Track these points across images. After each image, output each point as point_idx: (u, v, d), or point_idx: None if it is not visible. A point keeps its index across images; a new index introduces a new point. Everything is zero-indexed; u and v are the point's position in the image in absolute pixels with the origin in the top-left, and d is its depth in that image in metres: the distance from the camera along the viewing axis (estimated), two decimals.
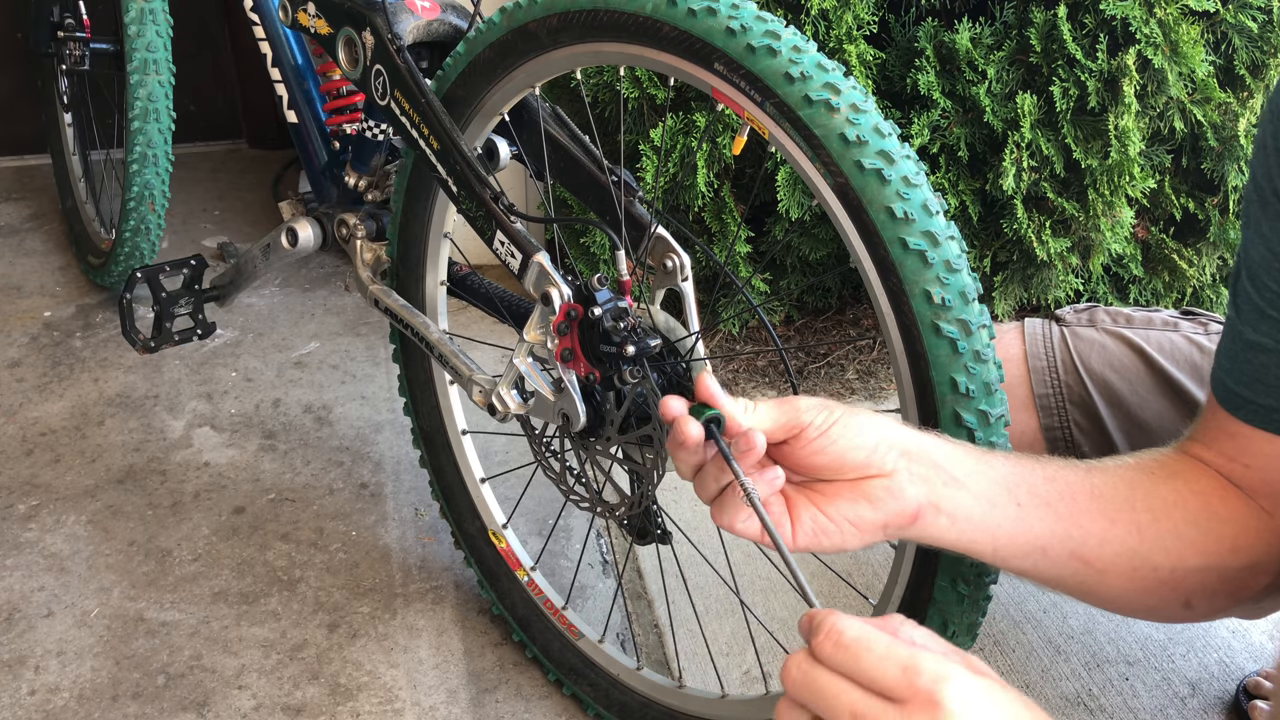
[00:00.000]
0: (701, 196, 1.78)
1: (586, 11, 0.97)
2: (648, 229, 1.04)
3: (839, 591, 1.43)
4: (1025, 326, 1.19)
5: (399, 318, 1.26)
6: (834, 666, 0.58)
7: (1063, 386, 1.14)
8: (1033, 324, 1.19)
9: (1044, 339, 1.17)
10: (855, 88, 0.85)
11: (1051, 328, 1.18)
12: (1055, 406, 1.14)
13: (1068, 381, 1.14)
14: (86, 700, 1.25)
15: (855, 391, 1.90)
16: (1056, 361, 1.15)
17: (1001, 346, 1.17)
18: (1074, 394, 1.13)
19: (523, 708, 1.27)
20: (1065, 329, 1.17)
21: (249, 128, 2.92)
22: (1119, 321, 1.16)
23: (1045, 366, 1.15)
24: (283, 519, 1.55)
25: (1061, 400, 1.14)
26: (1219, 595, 0.83)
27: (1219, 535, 0.81)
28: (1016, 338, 1.18)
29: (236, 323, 2.05)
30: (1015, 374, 1.15)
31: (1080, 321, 1.17)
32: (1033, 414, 1.15)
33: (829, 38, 1.68)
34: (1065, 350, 1.15)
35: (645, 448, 1.04)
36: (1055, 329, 1.17)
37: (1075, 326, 1.17)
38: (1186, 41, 1.66)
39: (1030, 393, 1.15)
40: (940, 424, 0.82)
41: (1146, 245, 1.91)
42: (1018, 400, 1.14)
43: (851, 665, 0.57)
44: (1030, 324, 1.19)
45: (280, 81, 1.44)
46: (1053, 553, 0.80)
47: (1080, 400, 1.12)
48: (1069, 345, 1.15)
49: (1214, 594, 0.83)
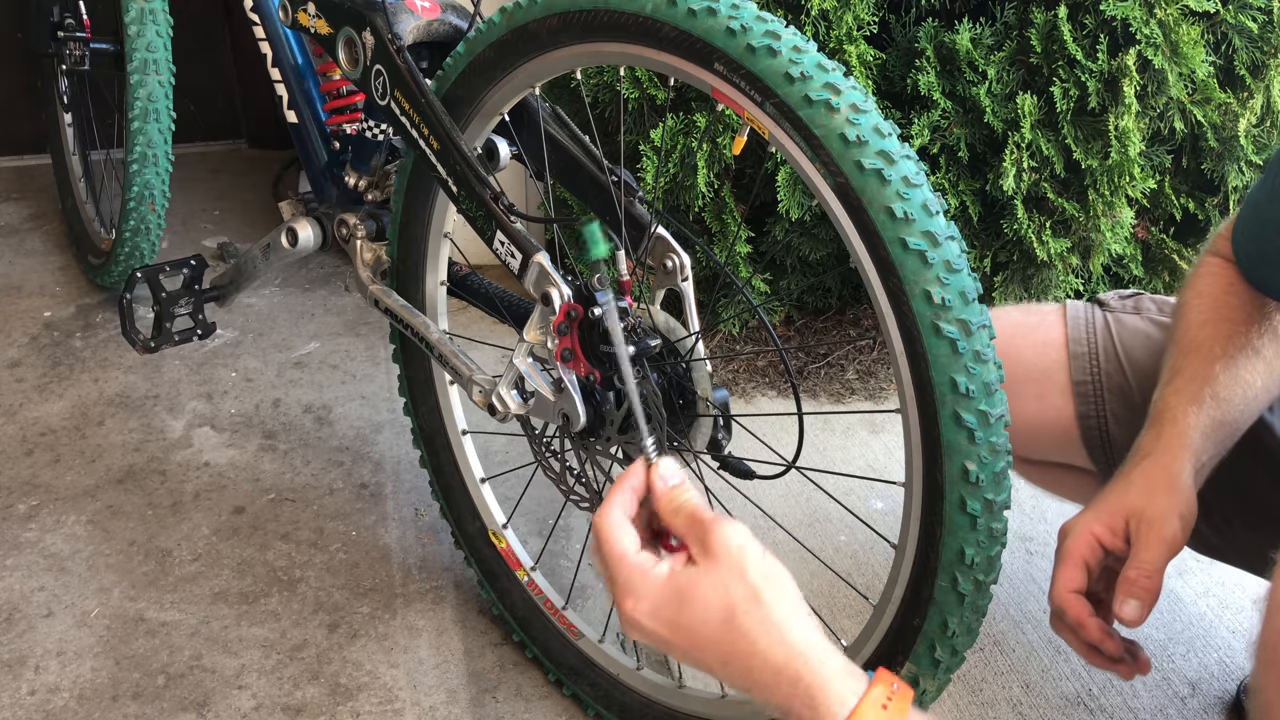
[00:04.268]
0: (701, 196, 1.78)
1: (586, 11, 0.97)
2: (648, 229, 1.04)
3: (839, 591, 1.43)
4: (1068, 310, 1.16)
5: (399, 318, 1.26)
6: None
7: (1102, 374, 1.11)
8: (1075, 308, 1.16)
9: (1087, 324, 1.14)
10: (855, 88, 0.85)
11: (1095, 312, 1.15)
12: (1093, 395, 1.11)
13: (1108, 369, 1.11)
14: (86, 700, 1.25)
15: (855, 392, 1.90)
16: (1098, 348, 1.12)
17: (1042, 329, 1.15)
18: (1113, 382, 1.10)
19: (523, 708, 1.27)
20: (1109, 315, 1.14)
21: (249, 128, 2.92)
22: (1165, 311, 1.12)
23: (1086, 353, 1.12)
24: (283, 519, 1.55)
25: (1100, 388, 1.11)
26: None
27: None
28: (1059, 320, 1.15)
29: (236, 323, 2.05)
30: (1055, 358, 1.13)
31: (1125, 309, 1.14)
32: (1070, 400, 1.12)
33: (829, 38, 1.68)
34: (1108, 337, 1.12)
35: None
36: (1099, 314, 1.14)
37: (1120, 313, 1.14)
38: (1187, 42, 1.66)
39: (1069, 379, 1.12)
40: (940, 424, 0.82)
41: (1146, 245, 1.91)
42: (1056, 385, 1.12)
43: (599, 552, 0.71)
44: (1073, 307, 1.16)
45: (280, 81, 1.44)
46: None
47: (1119, 389, 1.10)
48: (1112, 332, 1.12)
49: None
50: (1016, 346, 1.14)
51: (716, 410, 1.01)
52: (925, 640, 0.89)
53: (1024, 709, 1.27)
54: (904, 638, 0.91)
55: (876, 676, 0.65)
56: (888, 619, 0.93)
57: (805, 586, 1.40)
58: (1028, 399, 1.13)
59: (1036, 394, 1.13)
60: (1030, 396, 1.13)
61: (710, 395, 1.00)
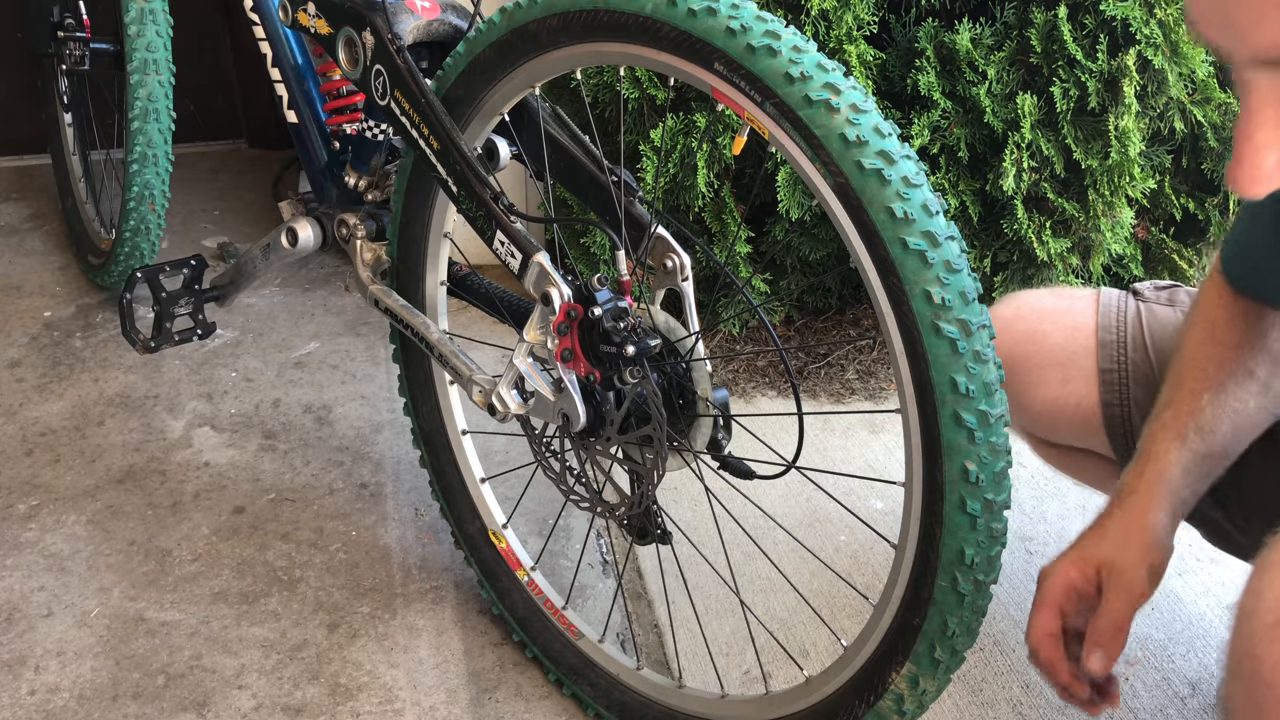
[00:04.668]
0: (701, 197, 1.78)
1: (586, 11, 0.97)
2: (648, 229, 1.04)
3: (839, 591, 1.43)
4: (1101, 297, 1.16)
5: (399, 318, 1.26)
6: None
7: (1129, 364, 1.11)
8: (1109, 295, 1.16)
9: (1119, 312, 1.14)
10: (855, 88, 0.85)
11: (1128, 301, 1.15)
12: (1118, 383, 1.12)
13: (1135, 359, 1.11)
14: (86, 700, 1.25)
15: (855, 392, 1.90)
16: (1127, 337, 1.12)
17: (1073, 314, 1.15)
18: (1139, 372, 1.10)
19: (523, 708, 1.27)
20: (1142, 304, 1.14)
21: (249, 128, 2.92)
22: None
23: (1115, 340, 1.12)
24: (283, 519, 1.55)
25: (1125, 378, 1.11)
26: None
27: None
28: (1091, 306, 1.15)
29: (236, 323, 2.05)
30: (1084, 344, 1.13)
31: (1160, 300, 1.15)
32: (1095, 387, 1.12)
33: (829, 38, 1.68)
34: (1138, 327, 1.12)
35: (645, 448, 1.04)
36: (1132, 303, 1.15)
37: (1154, 304, 1.14)
38: (1187, 42, 1.66)
39: (1096, 366, 1.13)
40: (940, 424, 0.83)
41: (1146, 245, 1.91)
42: (1082, 371, 1.12)
43: None
44: (1106, 295, 1.17)
45: (280, 81, 1.44)
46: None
47: (1145, 379, 1.10)
48: (1142, 322, 1.12)
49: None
50: (1045, 330, 1.15)
51: (716, 410, 1.01)
52: (925, 640, 0.89)
53: (1024, 709, 1.27)
54: (904, 638, 0.91)
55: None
56: (888, 619, 0.93)
57: (805, 586, 1.41)
58: (1053, 383, 1.14)
59: (1062, 378, 1.14)
60: (1055, 381, 1.14)
61: (710, 395, 1.00)
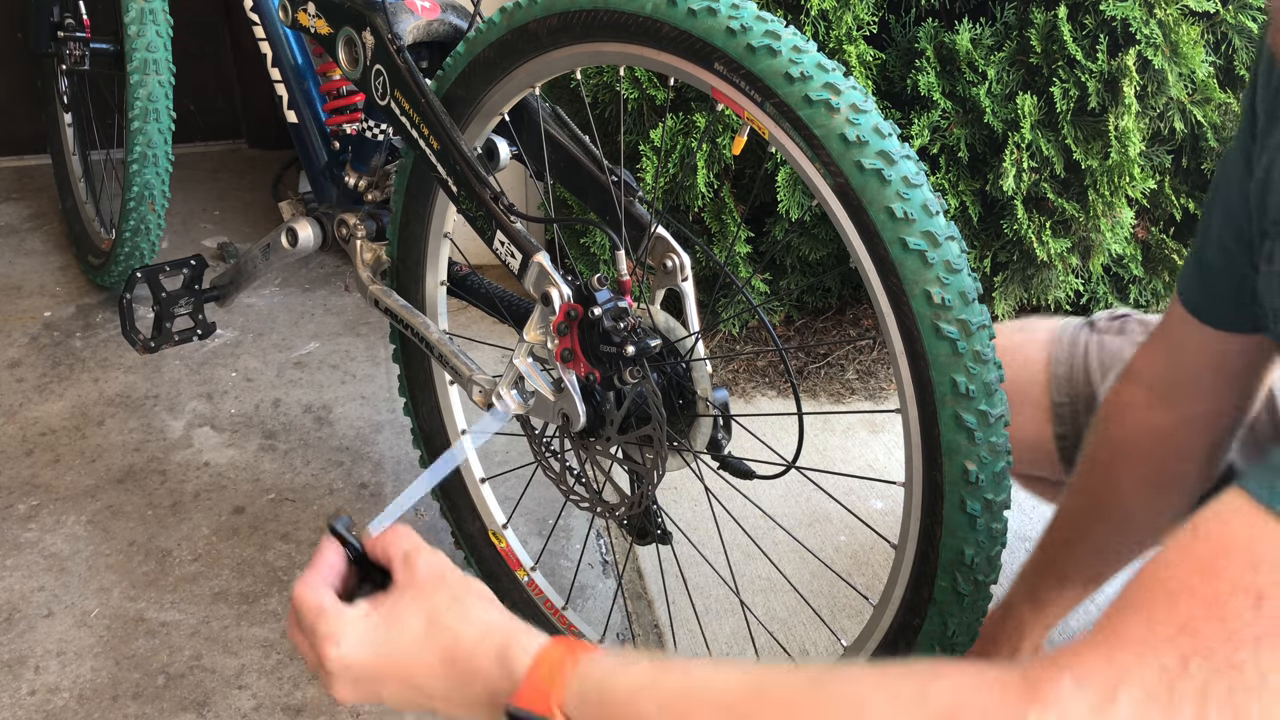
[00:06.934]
0: (701, 197, 1.78)
1: (586, 11, 0.97)
2: (648, 229, 1.04)
3: (839, 591, 1.42)
4: (1057, 330, 1.15)
5: (399, 318, 1.26)
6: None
7: (1080, 398, 1.10)
8: (1065, 328, 1.15)
9: (1071, 345, 1.13)
10: (855, 88, 0.85)
11: (1082, 333, 1.14)
12: (1070, 416, 1.11)
13: (1085, 393, 1.10)
14: (86, 700, 1.25)
15: (855, 392, 1.90)
16: (1078, 370, 1.11)
17: (1026, 349, 1.14)
18: (1090, 405, 1.09)
19: None
20: (1095, 336, 1.13)
21: (249, 128, 2.92)
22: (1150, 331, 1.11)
23: (1067, 374, 1.11)
24: (283, 519, 1.55)
25: (1077, 410, 1.10)
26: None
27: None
28: (1045, 339, 1.14)
29: (236, 323, 2.05)
30: (1037, 379, 1.12)
31: (1111, 329, 1.13)
32: (1049, 420, 1.12)
33: (829, 38, 1.68)
34: (1088, 360, 1.11)
35: (645, 448, 1.04)
36: (1084, 335, 1.13)
37: (1104, 334, 1.13)
38: (1186, 42, 1.66)
39: (1049, 400, 1.12)
40: (940, 424, 0.82)
41: (1146, 245, 1.91)
42: (1037, 405, 1.12)
43: (298, 625, 0.74)
44: (1062, 327, 1.15)
45: (280, 81, 1.44)
46: None
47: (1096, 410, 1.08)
48: (1091, 355, 1.11)
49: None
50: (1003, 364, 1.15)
51: (716, 410, 1.01)
52: (925, 640, 0.89)
53: None
54: (904, 638, 0.91)
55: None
56: (888, 619, 0.93)
57: (805, 586, 1.41)
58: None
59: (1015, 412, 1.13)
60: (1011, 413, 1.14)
61: (710, 395, 1.00)
